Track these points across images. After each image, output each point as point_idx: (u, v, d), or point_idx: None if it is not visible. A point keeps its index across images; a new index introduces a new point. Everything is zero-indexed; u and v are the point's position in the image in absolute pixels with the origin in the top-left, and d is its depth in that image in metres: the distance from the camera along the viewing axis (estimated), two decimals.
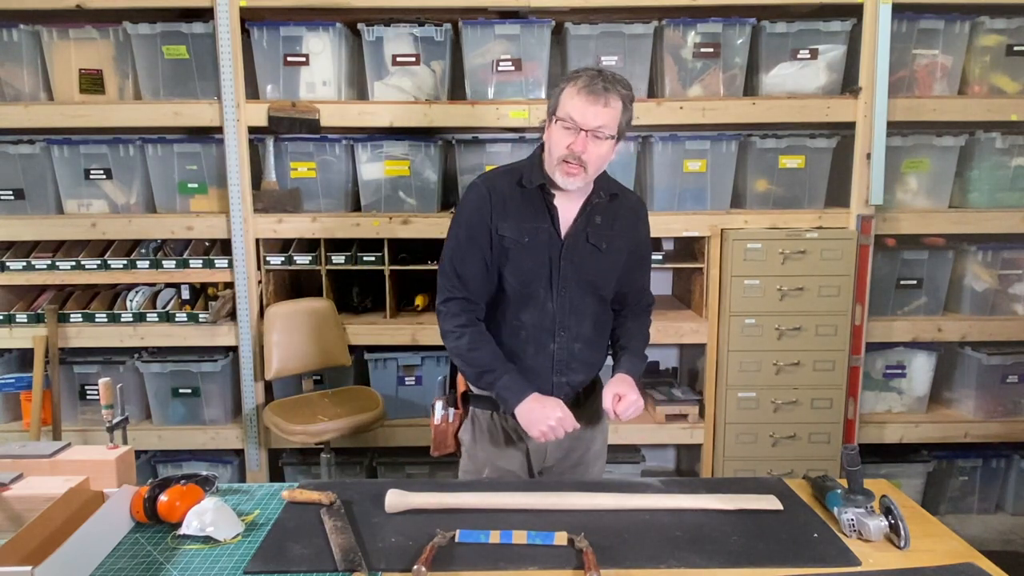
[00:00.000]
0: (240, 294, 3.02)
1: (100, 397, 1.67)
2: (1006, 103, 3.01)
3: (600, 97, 1.64)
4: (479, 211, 1.77)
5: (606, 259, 1.82)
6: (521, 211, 1.77)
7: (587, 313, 1.83)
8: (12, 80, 2.99)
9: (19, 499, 1.49)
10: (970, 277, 3.17)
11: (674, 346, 3.57)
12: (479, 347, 1.76)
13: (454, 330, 1.78)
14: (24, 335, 3.05)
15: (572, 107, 1.65)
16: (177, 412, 3.14)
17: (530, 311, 1.79)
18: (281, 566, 1.36)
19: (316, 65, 2.96)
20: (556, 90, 1.71)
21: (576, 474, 1.94)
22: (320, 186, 3.07)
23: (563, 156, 1.68)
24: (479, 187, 1.79)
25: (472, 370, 1.79)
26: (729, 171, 3.06)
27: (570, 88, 1.67)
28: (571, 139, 1.66)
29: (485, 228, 1.76)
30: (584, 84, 1.65)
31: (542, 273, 1.78)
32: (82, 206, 3.08)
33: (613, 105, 1.65)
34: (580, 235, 1.78)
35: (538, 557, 1.38)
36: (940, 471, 3.28)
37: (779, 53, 2.99)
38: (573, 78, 1.68)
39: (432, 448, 1.96)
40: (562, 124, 1.67)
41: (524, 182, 1.77)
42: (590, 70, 1.69)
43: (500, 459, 1.88)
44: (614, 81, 1.67)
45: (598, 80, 1.65)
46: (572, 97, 1.66)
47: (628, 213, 1.85)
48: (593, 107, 1.64)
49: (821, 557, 1.39)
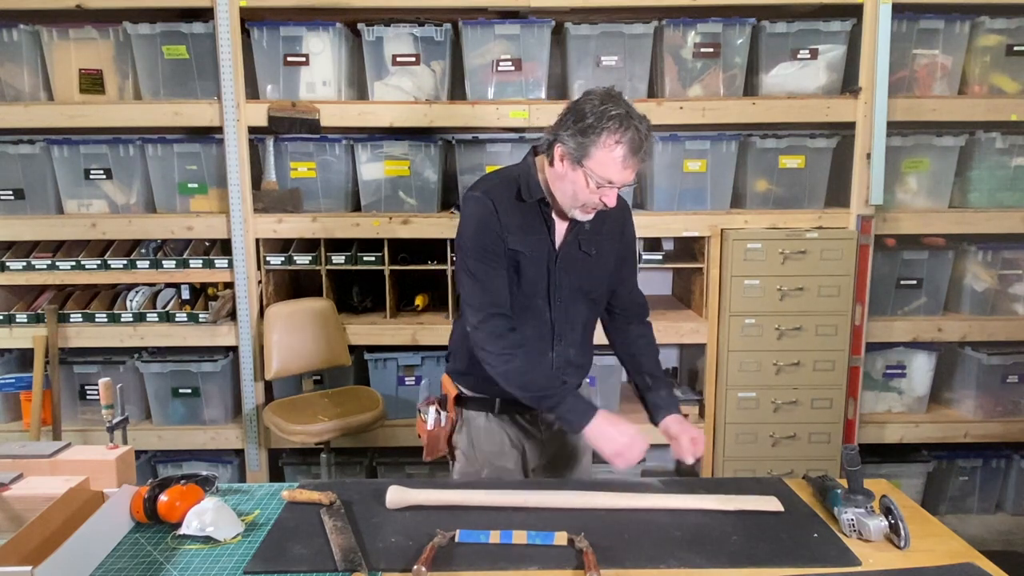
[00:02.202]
0: (240, 294, 3.02)
1: (100, 397, 1.67)
2: (1006, 103, 3.01)
3: (638, 158, 1.59)
4: (489, 225, 1.70)
5: (597, 264, 1.81)
6: (523, 223, 1.73)
7: (580, 319, 1.83)
8: (12, 80, 2.99)
9: (19, 499, 1.49)
10: (970, 277, 3.17)
11: (674, 346, 3.56)
12: (533, 370, 1.71)
13: (502, 353, 1.69)
14: (24, 335, 3.05)
15: (613, 172, 1.58)
16: (177, 412, 3.14)
17: (531, 322, 1.78)
18: (281, 566, 1.36)
19: (316, 65, 2.96)
20: (584, 135, 1.58)
21: (567, 470, 1.95)
22: (320, 186, 3.07)
23: (591, 205, 1.66)
24: (483, 201, 1.71)
25: (528, 394, 1.71)
26: (729, 171, 3.06)
27: (608, 149, 1.57)
28: (601, 193, 1.63)
29: (499, 240, 1.70)
30: (627, 151, 1.57)
31: (541, 285, 1.77)
32: (82, 206, 3.08)
33: (646, 159, 1.62)
34: (573, 243, 1.78)
35: (538, 557, 1.38)
36: (940, 471, 3.28)
37: (779, 53, 2.99)
38: (609, 131, 1.56)
39: (425, 453, 1.94)
40: (593, 180, 1.60)
41: (524, 196, 1.72)
42: (628, 123, 1.56)
43: (498, 459, 1.88)
44: (647, 134, 1.59)
45: (636, 139, 1.57)
46: (613, 161, 1.57)
47: (614, 215, 1.82)
48: (633, 170, 1.60)
49: (821, 557, 1.39)
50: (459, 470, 1.93)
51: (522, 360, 1.69)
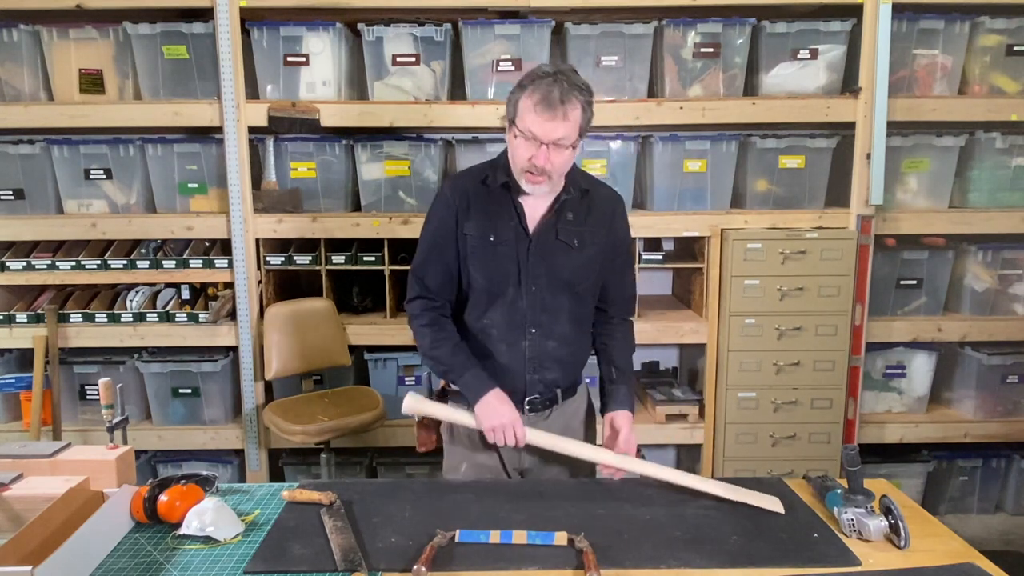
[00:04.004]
0: (240, 294, 3.02)
1: (100, 397, 1.67)
2: (1006, 103, 3.01)
3: (558, 110, 1.58)
4: (443, 219, 1.79)
5: (579, 256, 1.79)
6: (487, 209, 1.76)
7: (562, 311, 1.81)
8: (12, 80, 2.99)
9: (19, 499, 1.49)
10: (970, 277, 3.17)
11: (674, 346, 3.57)
12: (440, 345, 1.79)
13: (419, 329, 1.83)
14: (24, 335, 3.05)
15: (531, 122, 1.60)
16: (177, 412, 3.14)
17: (500, 309, 1.79)
18: (281, 566, 1.36)
19: (316, 65, 2.96)
20: (512, 95, 1.65)
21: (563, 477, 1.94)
22: (320, 186, 3.07)
23: (526, 168, 1.66)
24: (444, 194, 1.80)
25: (437, 368, 1.84)
26: (729, 171, 3.06)
27: (526, 100, 1.61)
28: (532, 151, 1.63)
29: (450, 235, 1.78)
30: (540, 98, 1.58)
31: (510, 271, 1.77)
32: (82, 206, 3.08)
33: (572, 116, 1.60)
34: (549, 232, 1.77)
35: (538, 557, 1.38)
36: (940, 471, 3.28)
37: (779, 53, 2.99)
38: (528, 85, 1.61)
39: (417, 445, 1.96)
40: (523, 137, 1.63)
41: (488, 181, 1.76)
42: (545, 75, 1.60)
43: (477, 457, 1.88)
44: (571, 87, 1.60)
45: (554, 90, 1.58)
46: (529, 111, 1.60)
47: (603, 208, 1.82)
48: (552, 122, 1.59)
49: (821, 557, 1.39)
50: (445, 462, 1.95)
51: (432, 336, 1.80)
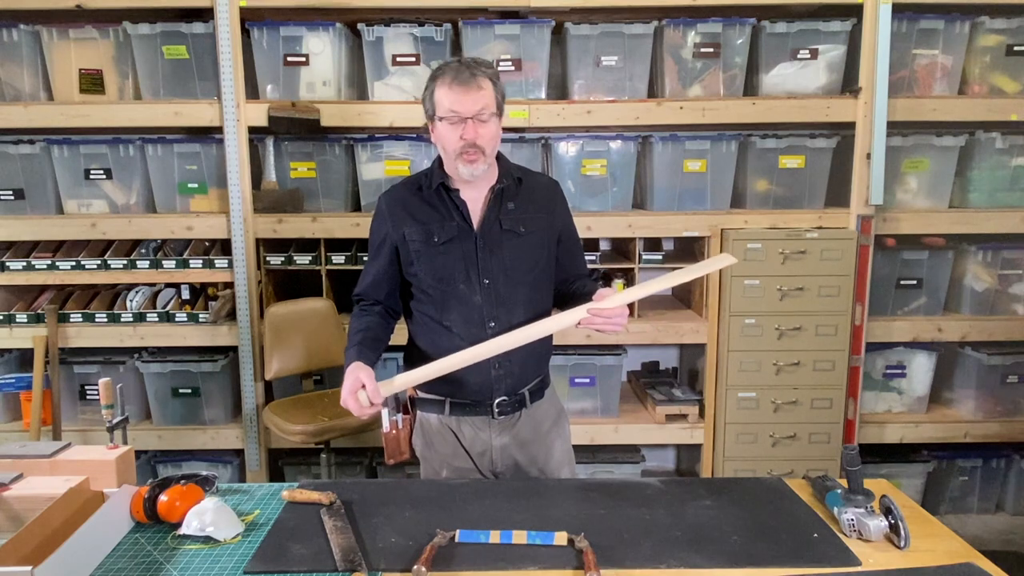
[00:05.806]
0: (240, 294, 3.02)
1: (100, 397, 1.67)
2: (1006, 103, 3.01)
3: (471, 83, 1.69)
4: (379, 231, 1.85)
5: (527, 242, 1.81)
6: (427, 213, 1.80)
7: (518, 302, 1.81)
8: (12, 80, 2.99)
9: (19, 499, 1.49)
10: (970, 277, 3.17)
11: (674, 346, 3.57)
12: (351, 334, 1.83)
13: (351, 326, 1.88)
14: (24, 335, 3.05)
15: (451, 101, 1.69)
16: (177, 412, 3.14)
17: (456, 308, 1.80)
18: (281, 566, 1.36)
19: (316, 65, 2.96)
20: (426, 92, 1.76)
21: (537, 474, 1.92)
22: (320, 186, 3.07)
23: (459, 148, 1.71)
24: (380, 209, 1.85)
25: None
26: (729, 171, 3.06)
27: (440, 87, 1.71)
28: (460, 130, 1.70)
29: (387, 244, 1.83)
30: (452, 77, 1.69)
31: (459, 268, 1.78)
32: (82, 206, 3.08)
33: (484, 87, 1.70)
34: (493, 224, 1.79)
35: (538, 557, 1.38)
36: (940, 471, 3.28)
37: (779, 53, 2.99)
38: (438, 76, 1.73)
39: (386, 456, 1.91)
40: (447, 121, 1.71)
41: (423, 187, 1.82)
42: (449, 63, 1.73)
43: (454, 460, 1.88)
44: (476, 65, 1.72)
45: (463, 70, 1.70)
46: (446, 93, 1.70)
47: (542, 194, 1.87)
48: (468, 95, 1.69)
49: (821, 557, 1.39)
50: (422, 472, 1.95)
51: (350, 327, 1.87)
